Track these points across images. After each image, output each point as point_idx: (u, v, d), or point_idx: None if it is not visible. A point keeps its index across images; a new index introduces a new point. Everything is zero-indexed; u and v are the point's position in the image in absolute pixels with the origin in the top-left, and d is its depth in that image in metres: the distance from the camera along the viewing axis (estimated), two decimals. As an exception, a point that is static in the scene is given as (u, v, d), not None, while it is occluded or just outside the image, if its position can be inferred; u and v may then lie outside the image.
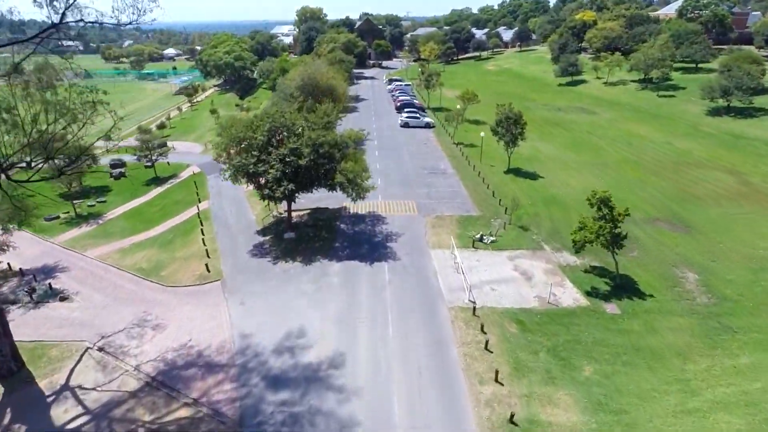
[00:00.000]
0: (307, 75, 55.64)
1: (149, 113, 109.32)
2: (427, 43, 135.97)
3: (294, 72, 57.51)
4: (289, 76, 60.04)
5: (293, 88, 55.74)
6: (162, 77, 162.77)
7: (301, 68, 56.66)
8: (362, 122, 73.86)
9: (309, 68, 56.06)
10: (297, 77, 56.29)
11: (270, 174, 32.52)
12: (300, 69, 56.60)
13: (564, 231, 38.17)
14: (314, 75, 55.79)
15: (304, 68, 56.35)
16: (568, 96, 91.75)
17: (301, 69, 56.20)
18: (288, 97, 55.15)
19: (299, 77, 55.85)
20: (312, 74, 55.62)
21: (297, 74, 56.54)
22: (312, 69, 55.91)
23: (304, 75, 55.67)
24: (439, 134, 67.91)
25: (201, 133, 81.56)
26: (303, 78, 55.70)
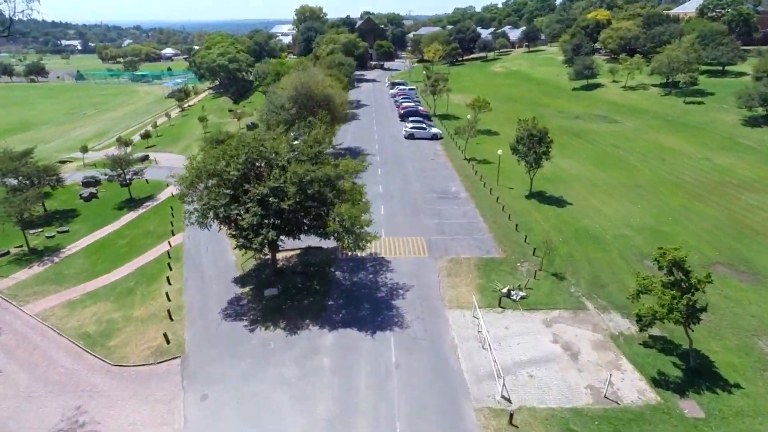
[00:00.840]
0: (301, 84, 48.40)
1: (138, 119, 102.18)
2: (431, 44, 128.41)
3: (286, 80, 50.33)
4: (281, 83, 52.82)
5: (285, 98, 48.52)
6: (156, 79, 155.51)
7: (294, 75, 49.40)
8: (363, 132, 66.63)
9: (302, 76, 48.78)
10: (289, 86, 49.04)
11: (246, 219, 25.40)
12: (293, 77, 49.34)
13: (607, 279, 31.03)
14: (308, 84, 48.55)
15: (297, 76, 49.06)
16: (585, 101, 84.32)
17: (294, 77, 48.94)
18: (278, 109, 47.93)
19: (291, 86, 48.62)
20: (306, 83, 48.38)
21: (289, 82, 49.28)
22: (306, 77, 48.65)
23: (297, 84, 48.41)
24: (448, 147, 60.64)
25: (188, 142, 74.40)
26: (296, 87, 48.47)
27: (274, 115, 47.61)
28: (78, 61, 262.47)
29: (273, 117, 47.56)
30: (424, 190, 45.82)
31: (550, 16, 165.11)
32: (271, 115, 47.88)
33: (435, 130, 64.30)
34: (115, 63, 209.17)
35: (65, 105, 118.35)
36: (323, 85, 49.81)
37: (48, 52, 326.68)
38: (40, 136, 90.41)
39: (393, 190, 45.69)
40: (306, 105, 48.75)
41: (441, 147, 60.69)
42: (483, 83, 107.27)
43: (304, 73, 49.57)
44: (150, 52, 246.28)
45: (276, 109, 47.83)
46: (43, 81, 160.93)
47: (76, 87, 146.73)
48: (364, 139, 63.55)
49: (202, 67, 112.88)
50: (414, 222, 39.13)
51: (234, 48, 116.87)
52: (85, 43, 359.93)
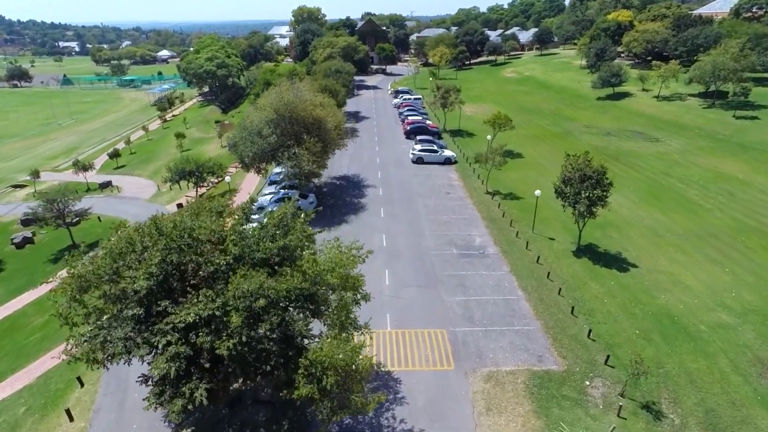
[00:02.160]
0: (283, 105, 37.36)
1: (116, 131, 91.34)
2: (437, 47, 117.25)
3: (265, 99, 39.26)
4: (259, 101, 41.79)
5: (263, 122, 37.56)
6: (145, 84, 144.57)
7: (274, 94, 38.30)
8: (363, 154, 55.56)
9: (285, 95, 37.71)
10: (268, 106, 37.99)
11: (157, 368, 14.47)
12: (273, 95, 38.18)
13: (727, 415, 20.15)
14: (293, 105, 37.52)
15: (279, 95, 37.98)
16: (613, 114, 73.13)
17: (275, 95, 37.82)
18: (254, 137, 36.93)
19: (271, 107, 37.58)
20: (290, 103, 37.35)
21: (269, 102, 38.23)
22: (290, 96, 37.59)
23: (278, 105, 37.36)
24: (465, 175, 49.65)
25: (161, 163, 63.45)
26: (277, 109, 37.43)
27: (249, 144, 36.61)
28: (72, 63, 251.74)
29: (247, 146, 36.58)
30: (440, 243, 34.89)
31: (561, 16, 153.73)
32: (245, 144, 36.90)
33: (448, 153, 53.24)
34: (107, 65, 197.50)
35: (42, 114, 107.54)
36: (312, 105, 38.75)
37: (45, 54, 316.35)
38: (2, 152, 79.67)
39: (400, 244, 34.75)
40: (290, 131, 37.75)
41: (456, 174, 49.68)
42: (494, 91, 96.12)
43: (287, 91, 38.45)
44: (145, 54, 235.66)
45: (251, 137, 36.83)
46: (26, 86, 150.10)
47: (59, 93, 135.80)
48: (364, 165, 52.58)
49: (188, 73, 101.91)
50: (430, 299, 28.23)
51: (224, 52, 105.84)
52: (82, 45, 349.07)
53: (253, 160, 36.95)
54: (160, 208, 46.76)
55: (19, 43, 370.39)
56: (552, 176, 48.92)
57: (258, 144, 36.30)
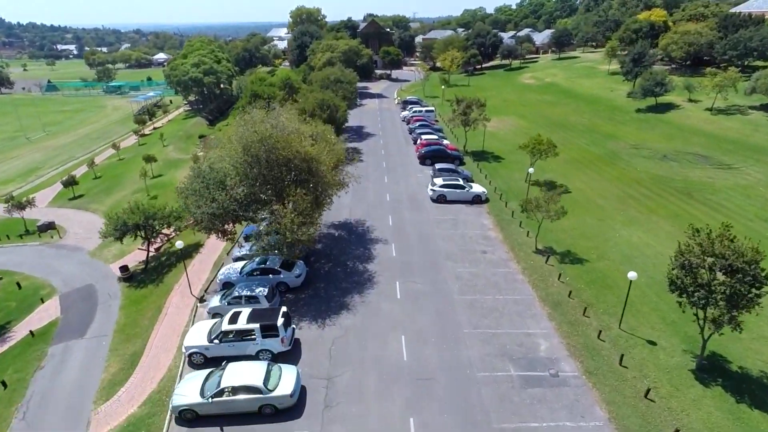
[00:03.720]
0: (257, 141, 25.08)
1: (89, 146, 79.34)
2: (447, 50, 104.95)
3: (234, 130, 26.70)
4: (226, 135, 29.51)
5: (229, 166, 25.40)
6: (134, 90, 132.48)
7: (245, 124, 25.80)
8: (368, 189, 43.14)
9: (260, 127, 25.30)
10: (236, 142, 25.68)
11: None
12: (243, 127, 25.57)
13: None
14: (273, 140, 25.22)
15: (252, 125, 25.57)
16: (662, 130, 60.71)
17: (245, 128, 25.26)
18: (212, 189, 24.71)
19: (239, 143, 25.29)
20: (267, 138, 25.06)
21: (237, 136, 25.86)
22: (267, 128, 25.21)
23: (251, 141, 25.01)
24: (501, 218, 37.43)
25: (125, 194, 51.48)
26: (248, 147, 25.12)
27: (204, 199, 24.39)
28: (66, 67, 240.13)
29: (201, 203, 24.37)
30: (488, 354, 22.70)
31: (577, 17, 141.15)
32: (198, 199, 24.66)
33: (477, 188, 40.93)
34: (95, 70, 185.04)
35: (12, 126, 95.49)
36: (300, 139, 26.50)
37: (42, 57, 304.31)
38: (-49, 175, 67.69)
39: (428, 357, 22.55)
40: (267, 178, 25.56)
41: (490, 220, 37.43)
42: (515, 100, 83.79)
43: (261, 123, 26.15)
44: (140, 57, 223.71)
45: (207, 189, 24.61)
46: (6, 92, 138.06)
47: (39, 100, 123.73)
48: (371, 205, 40.36)
49: (172, 80, 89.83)
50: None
51: (212, 56, 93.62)
52: (80, 48, 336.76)
53: (211, 223, 24.77)
54: (102, 267, 34.76)
55: (17, 45, 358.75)
56: (614, 222, 37.05)
57: (219, 200, 24.11)
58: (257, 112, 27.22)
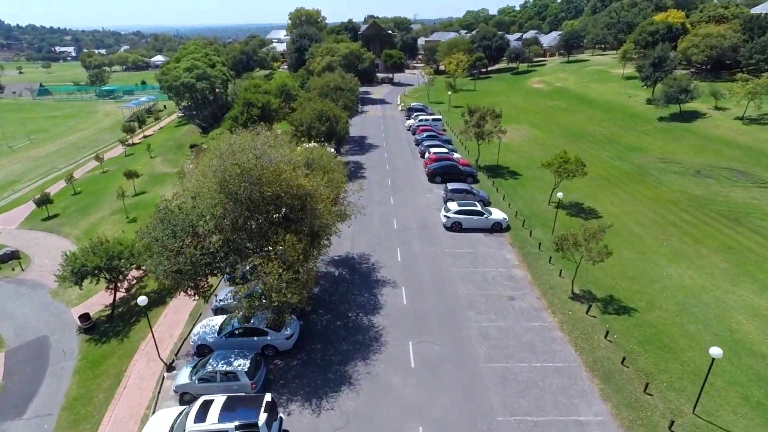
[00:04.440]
0: (237, 175, 19.62)
1: (73, 156, 74.01)
2: (451, 53, 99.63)
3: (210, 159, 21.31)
4: (200, 163, 24.10)
5: (202, 205, 20.05)
6: (128, 94, 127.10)
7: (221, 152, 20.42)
8: (373, 211, 37.54)
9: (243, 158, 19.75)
10: (212, 175, 20.21)
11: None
12: (219, 156, 20.19)
13: None
14: (259, 173, 19.80)
15: (229, 154, 20.09)
16: (690, 141, 55.31)
17: (220, 158, 19.87)
18: (179, 239, 19.34)
19: (215, 177, 19.87)
20: (250, 170, 19.63)
21: (212, 168, 20.41)
22: (250, 159, 19.69)
23: (229, 176, 19.53)
24: (525, 252, 32.06)
25: (103, 215, 46.19)
26: (225, 183, 19.70)
27: (165, 255, 19.01)
28: (62, 69, 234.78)
29: (164, 259, 18.99)
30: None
31: (583, 18, 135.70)
32: (160, 254, 19.27)
33: (497, 214, 35.51)
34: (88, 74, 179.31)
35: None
36: (292, 170, 21.03)
37: (40, 59, 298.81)
38: None
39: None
40: (249, 223, 20.16)
41: (514, 254, 32.04)
42: (525, 107, 78.44)
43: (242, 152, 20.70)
44: (138, 59, 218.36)
45: (171, 238, 19.22)
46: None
47: (29, 105, 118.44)
48: (376, 235, 34.94)
49: (164, 85, 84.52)
50: None
51: (207, 60, 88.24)
52: (79, 50, 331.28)
53: (177, 282, 19.38)
54: (62, 312, 29.44)
55: (15, 47, 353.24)
56: (658, 256, 31.63)
57: (187, 254, 18.74)
58: (238, 137, 21.78)
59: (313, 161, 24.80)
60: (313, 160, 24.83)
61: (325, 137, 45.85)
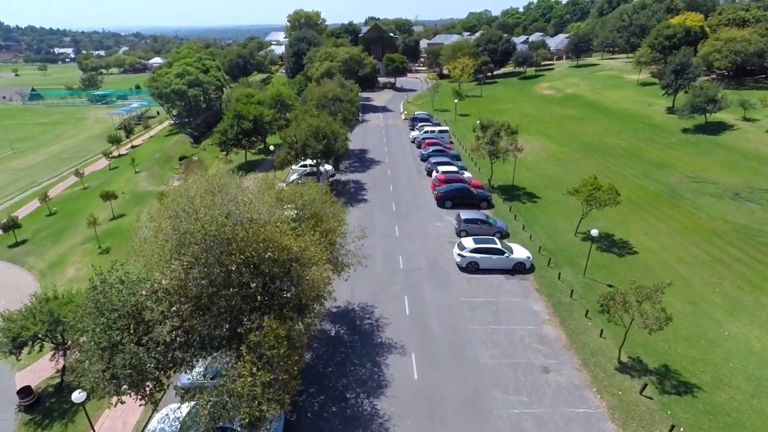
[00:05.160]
0: (203, 236, 14.60)
1: (57, 169, 68.94)
2: (456, 56, 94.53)
3: (164, 210, 16.66)
4: (156, 221, 18.89)
5: (153, 277, 15.06)
6: (121, 99, 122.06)
7: (178, 205, 15.71)
8: (375, 245, 32.11)
9: (212, 213, 14.73)
10: (172, 234, 15.25)
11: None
12: (171, 212, 15.45)
13: None
14: (231, 234, 14.77)
15: (194, 209, 15.14)
16: (721, 156, 50.14)
17: (173, 217, 15.11)
18: (115, 329, 14.34)
19: (175, 234, 14.94)
20: (216, 235, 14.60)
21: (171, 222, 15.58)
22: (222, 214, 14.64)
23: (192, 236, 14.59)
24: (556, 301, 27.00)
25: (75, 243, 41.12)
26: (182, 245, 14.78)
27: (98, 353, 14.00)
28: (61, 71, 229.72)
29: (93, 365, 13.95)
30: None
31: (593, 20, 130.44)
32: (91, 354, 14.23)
33: (520, 252, 30.39)
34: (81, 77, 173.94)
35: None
36: (275, 229, 15.89)
37: (38, 60, 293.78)
38: None
39: None
40: (215, 302, 15.03)
41: (542, 304, 26.92)
42: (536, 116, 73.35)
43: (212, 189, 15.62)
44: (135, 62, 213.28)
45: (101, 336, 14.12)
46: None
47: (18, 111, 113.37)
48: (379, 280, 29.78)
49: (154, 92, 79.47)
50: None
51: (200, 65, 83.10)
52: (78, 51, 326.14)
53: (116, 387, 14.27)
54: (3, 378, 24.38)
55: (14, 49, 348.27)
56: (712, 307, 26.40)
57: (126, 352, 13.68)
58: (204, 182, 16.68)
59: (303, 207, 19.70)
60: (303, 206, 19.73)
61: (322, 156, 40.87)
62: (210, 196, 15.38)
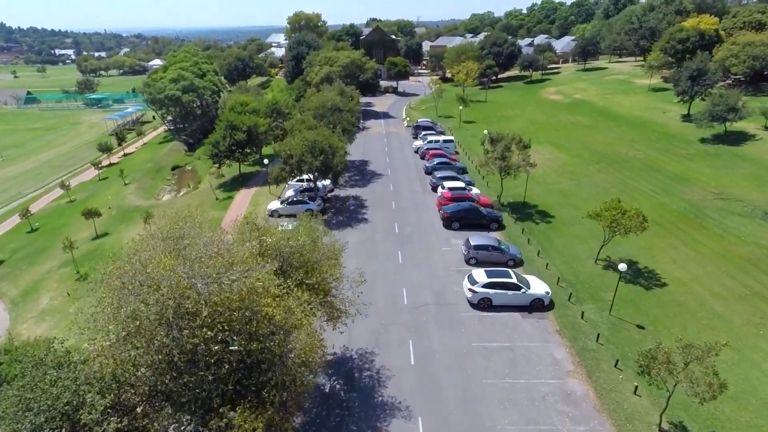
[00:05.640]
0: (158, 313, 11.52)
1: (44, 179, 65.91)
2: (460, 60, 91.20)
3: (123, 265, 13.57)
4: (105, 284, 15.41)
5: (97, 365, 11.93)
6: (118, 103, 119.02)
7: (121, 279, 12.41)
8: (376, 275, 28.76)
9: (175, 278, 11.59)
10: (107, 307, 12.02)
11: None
12: (118, 284, 12.19)
13: None
14: (196, 297, 11.63)
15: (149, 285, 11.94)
16: (746, 170, 46.65)
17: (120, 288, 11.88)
18: (60, 418, 11.25)
19: (111, 310, 11.84)
20: (188, 290, 11.45)
21: (130, 282, 12.42)
22: (186, 276, 11.58)
23: (137, 317, 11.44)
24: (580, 346, 23.74)
25: (52, 267, 37.97)
26: (137, 316, 11.64)
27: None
28: (61, 73, 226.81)
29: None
30: None
31: (599, 22, 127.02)
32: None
33: (537, 286, 27.11)
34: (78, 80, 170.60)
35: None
36: (256, 298, 12.67)
37: (39, 62, 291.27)
38: None
39: None
40: (172, 388, 11.81)
41: (565, 350, 23.64)
42: (544, 122, 70.03)
43: (172, 264, 12.42)
44: (134, 63, 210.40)
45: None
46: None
47: (12, 115, 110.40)
48: (381, 319, 26.52)
49: (147, 98, 76.40)
50: None
51: (195, 70, 79.99)
52: (79, 53, 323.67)
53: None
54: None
55: (15, 50, 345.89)
56: (760, 355, 22.86)
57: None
58: (164, 230, 13.47)
59: (291, 255, 16.44)
60: (291, 254, 16.46)
61: (319, 172, 37.66)
62: (169, 260, 12.11)
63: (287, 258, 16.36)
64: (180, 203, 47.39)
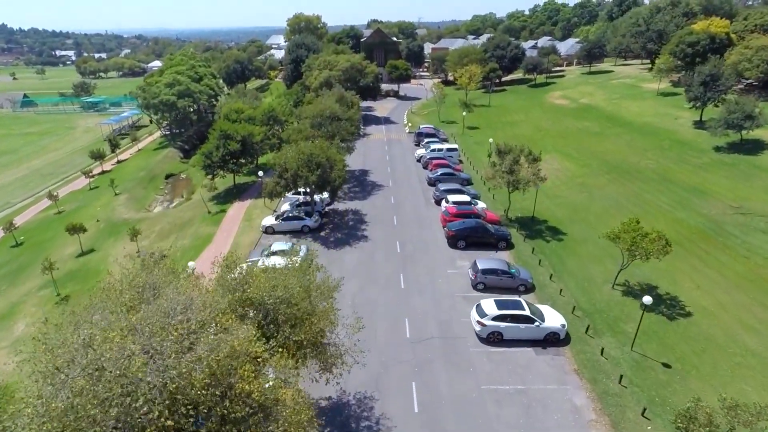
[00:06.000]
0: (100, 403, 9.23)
1: (33, 187, 63.61)
2: (464, 63, 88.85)
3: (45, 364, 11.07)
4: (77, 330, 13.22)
5: None
6: (115, 106, 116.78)
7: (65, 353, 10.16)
8: (377, 302, 26.35)
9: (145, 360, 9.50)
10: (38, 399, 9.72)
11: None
12: (57, 361, 10.05)
13: None
14: (156, 378, 9.37)
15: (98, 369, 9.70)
16: (763, 181, 44.21)
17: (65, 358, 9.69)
18: None
19: (54, 388, 9.60)
20: (141, 383, 9.22)
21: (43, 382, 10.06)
22: (120, 371, 9.47)
23: (80, 402, 9.25)
24: (601, 390, 21.34)
25: (32, 287, 35.64)
26: (77, 399, 9.44)
27: None
28: (61, 74, 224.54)
29: None
30: None
31: (604, 24, 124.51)
32: None
33: (553, 318, 24.70)
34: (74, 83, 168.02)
35: (-44, 155, 79.77)
36: (221, 369, 10.33)
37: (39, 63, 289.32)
38: None
39: None
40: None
41: (585, 395, 21.24)
42: (550, 128, 67.61)
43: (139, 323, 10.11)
44: (134, 65, 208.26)
45: None
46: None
47: (7, 120, 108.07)
48: (382, 357, 24.15)
49: (141, 103, 74.13)
50: None
51: (191, 74, 77.66)
52: (79, 54, 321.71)
53: None
54: None
55: (16, 51, 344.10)
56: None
57: None
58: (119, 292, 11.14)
59: (278, 305, 14.05)
60: (278, 304, 14.06)
61: (315, 187, 35.32)
62: (119, 335, 9.76)
63: (272, 309, 14.02)
64: (171, 216, 45.08)
